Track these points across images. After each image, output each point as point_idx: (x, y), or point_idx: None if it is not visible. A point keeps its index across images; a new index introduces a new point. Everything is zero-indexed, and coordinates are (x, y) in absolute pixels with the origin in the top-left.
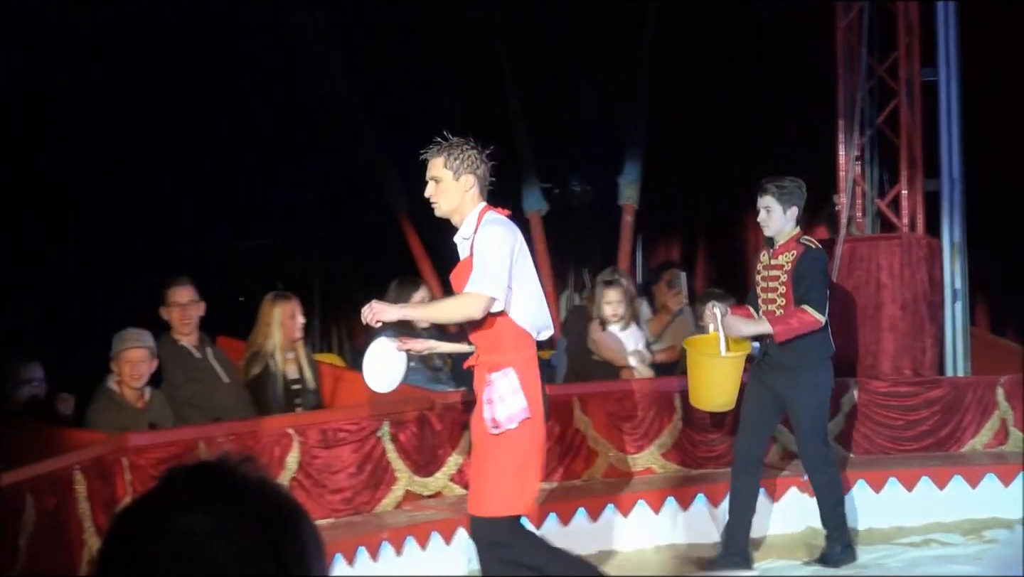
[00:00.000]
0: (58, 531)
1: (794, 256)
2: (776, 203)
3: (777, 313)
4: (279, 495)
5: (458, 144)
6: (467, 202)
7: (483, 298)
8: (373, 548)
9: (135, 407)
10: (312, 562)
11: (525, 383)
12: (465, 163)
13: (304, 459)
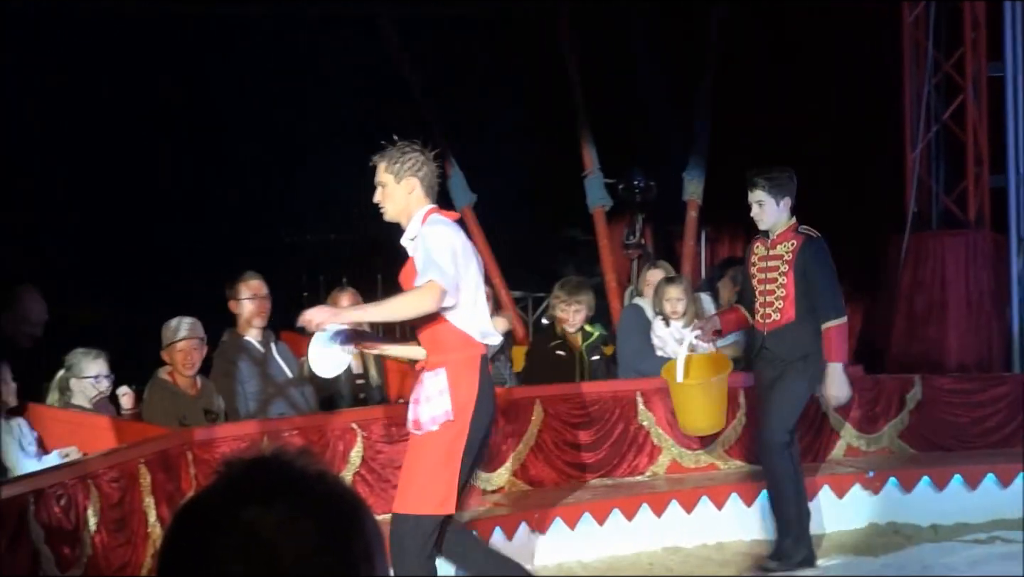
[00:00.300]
0: (123, 524)
1: (794, 246)
2: (768, 196)
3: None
4: (341, 488)
5: (400, 147)
6: (412, 204)
7: (435, 288)
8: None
9: (188, 394)
10: (376, 556)
11: (456, 385)
12: (406, 166)
13: (368, 454)
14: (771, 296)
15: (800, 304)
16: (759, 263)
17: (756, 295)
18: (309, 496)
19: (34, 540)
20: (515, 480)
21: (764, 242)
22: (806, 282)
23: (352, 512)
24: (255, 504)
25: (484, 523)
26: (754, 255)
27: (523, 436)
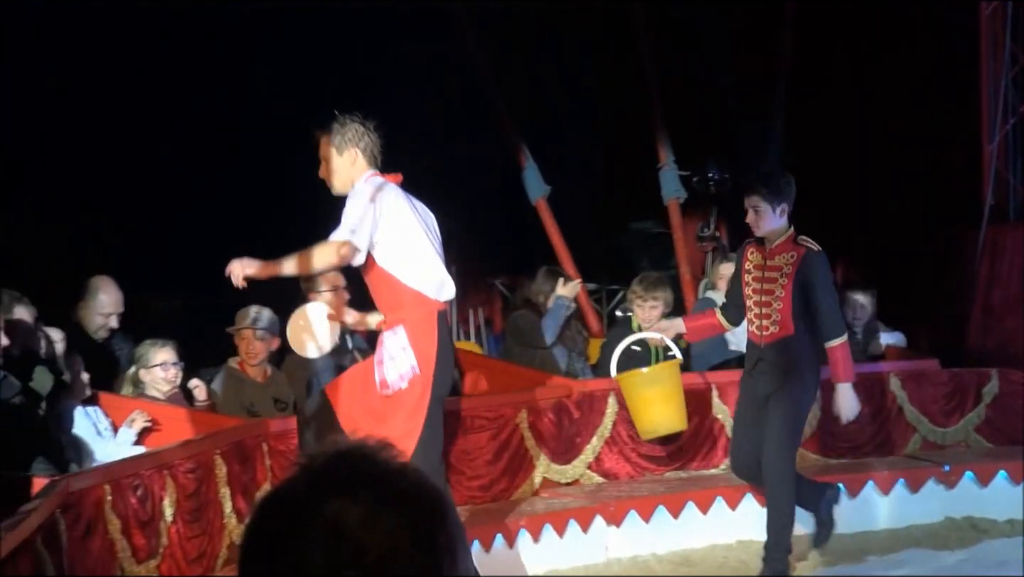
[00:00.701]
0: (198, 515)
1: (794, 258)
2: (765, 202)
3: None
4: (423, 482)
5: (340, 120)
6: (355, 174)
7: (337, 244)
8: (510, 535)
9: (257, 383)
10: (458, 550)
11: (416, 340)
12: (347, 137)
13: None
14: (768, 308)
15: (799, 318)
16: (754, 272)
17: (750, 305)
18: (392, 489)
19: (111, 531)
20: (590, 473)
21: (760, 250)
22: (805, 296)
23: (434, 506)
24: (338, 497)
25: (559, 515)
26: (748, 262)
27: (597, 429)
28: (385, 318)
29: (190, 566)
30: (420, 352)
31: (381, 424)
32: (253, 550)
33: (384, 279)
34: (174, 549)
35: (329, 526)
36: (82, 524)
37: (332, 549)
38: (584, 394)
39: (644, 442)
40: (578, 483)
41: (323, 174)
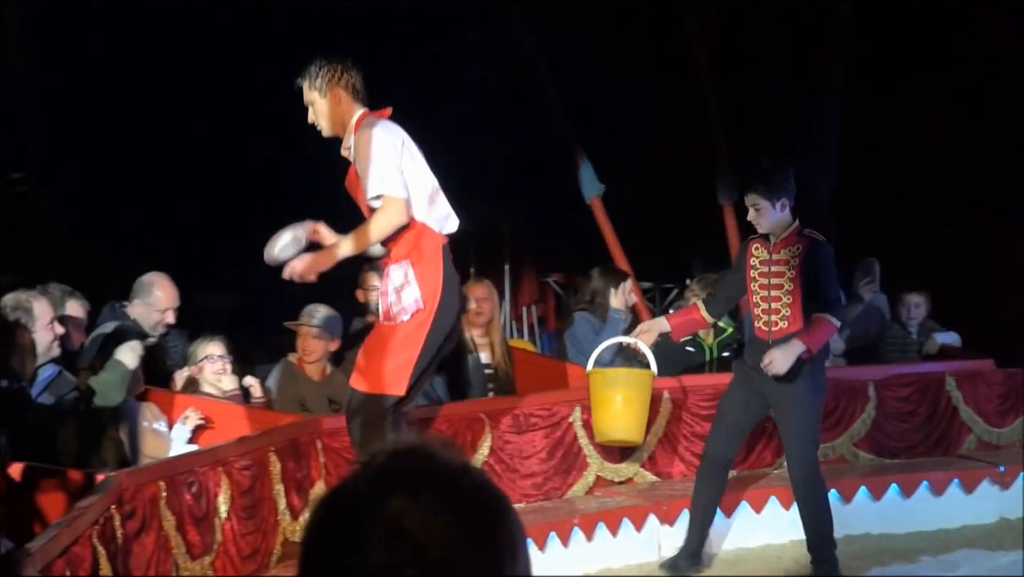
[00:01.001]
0: (253, 511)
1: (800, 250)
2: (764, 199)
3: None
4: (484, 482)
5: (317, 63)
6: (344, 114)
7: (394, 202)
8: (564, 533)
9: (313, 380)
10: (519, 550)
11: (421, 274)
12: (326, 78)
13: (496, 444)
14: (777, 303)
15: (807, 310)
16: (760, 267)
17: (757, 300)
18: (454, 488)
19: (165, 527)
20: (643, 471)
21: (765, 245)
22: (811, 288)
23: (496, 505)
24: (400, 495)
25: (612, 514)
26: (753, 258)
27: (652, 427)
28: (390, 252)
29: (244, 563)
30: (425, 286)
31: (380, 356)
32: (314, 547)
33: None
34: (228, 546)
35: (390, 524)
36: (137, 520)
37: (393, 547)
38: None
39: (697, 441)
40: (631, 481)
41: (311, 119)
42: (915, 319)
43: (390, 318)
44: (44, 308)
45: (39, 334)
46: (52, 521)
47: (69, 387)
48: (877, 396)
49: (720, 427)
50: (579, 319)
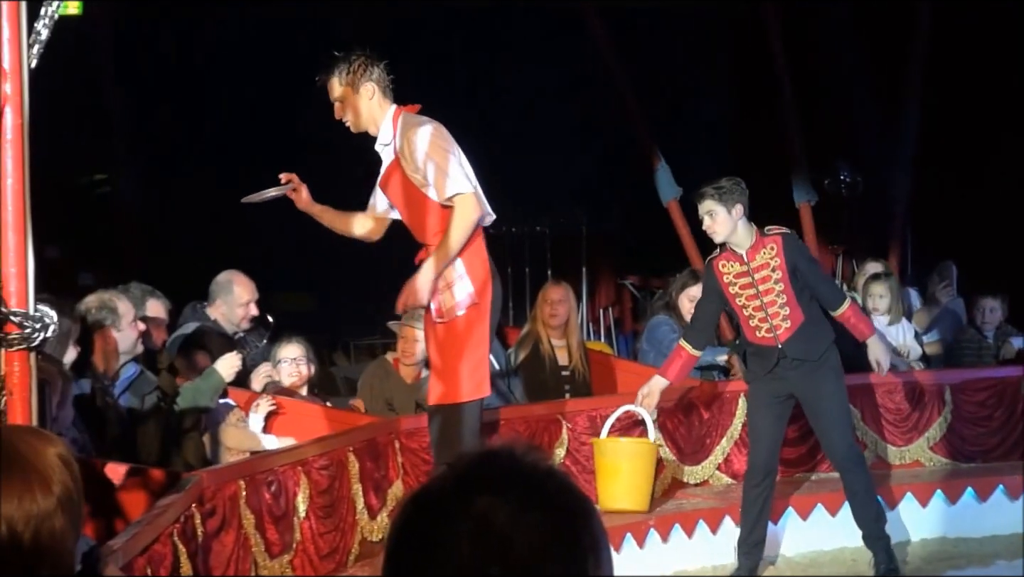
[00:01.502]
0: (331, 511)
1: (775, 249)
2: (718, 205)
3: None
4: (569, 484)
5: (343, 58)
6: (375, 109)
7: (467, 200)
8: (640, 535)
9: (404, 381)
10: (602, 551)
11: (471, 268)
12: (357, 73)
13: (572, 445)
14: (773, 307)
15: (803, 302)
16: (738, 280)
17: (749, 313)
18: (540, 489)
19: (245, 525)
20: (719, 474)
21: (736, 258)
22: (798, 279)
23: (580, 507)
24: (487, 495)
25: (688, 516)
26: (724, 275)
27: (727, 430)
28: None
29: (322, 562)
30: (476, 280)
31: (454, 361)
32: (400, 544)
33: (435, 209)
34: (307, 544)
35: (477, 523)
36: (217, 519)
37: (479, 545)
38: (714, 395)
39: None
40: (707, 484)
41: (340, 114)
42: (991, 323)
43: (443, 315)
44: (128, 307)
45: (124, 332)
46: (134, 519)
47: (150, 387)
48: (953, 400)
49: (761, 445)
50: (658, 321)
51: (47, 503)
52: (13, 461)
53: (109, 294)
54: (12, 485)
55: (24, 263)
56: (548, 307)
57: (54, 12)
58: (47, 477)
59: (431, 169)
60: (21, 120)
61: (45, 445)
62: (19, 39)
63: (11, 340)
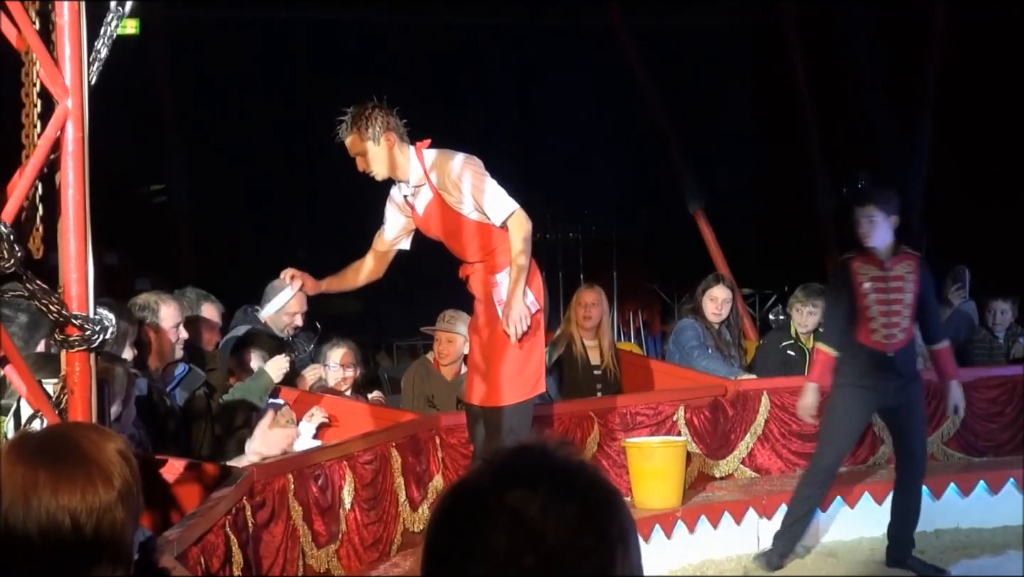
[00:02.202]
0: (375, 503)
1: (913, 267)
2: (880, 212)
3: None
4: (598, 477)
5: (359, 113)
6: (399, 156)
7: (519, 213)
8: (668, 526)
9: (444, 380)
10: (630, 541)
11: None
12: (378, 125)
13: (604, 441)
14: (896, 316)
15: (913, 322)
16: (876, 284)
17: (874, 315)
18: (570, 482)
19: (293, 517)
20: (743, 468)
21: (873, 262)
22: (923, 305)
23: (610, 499)
24: (520, 488)
25: (714, 508)
26: (860, 275)
27: (751, 426)
28: (487, 262)
29: (366, 551)
30: (534, 286)
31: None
32: (438, 534)
33: (478, 228)
34: (352, 535)
35: (511, 514)
36: (267, 511)
37: (513, 535)
38: (739, 393)
39: (795, 439)
40: (732, 477)
41: (363, 168)
42: (1002, 325)
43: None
44: (171, 311)
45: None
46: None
47: (199, 381)
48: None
49: (833, 449)
50: (683, 325)
51: (108, 496)
52: (76, 456)
53: (156, 296)
54: (75, 479)
55: (84, 269)
56: (582, 309)
57: (113, 31)
58: (108, 471)
59: (478, 197)
60: (82, 134)
61: (106, 441)
62: (80, 57)
63: (72, 342)
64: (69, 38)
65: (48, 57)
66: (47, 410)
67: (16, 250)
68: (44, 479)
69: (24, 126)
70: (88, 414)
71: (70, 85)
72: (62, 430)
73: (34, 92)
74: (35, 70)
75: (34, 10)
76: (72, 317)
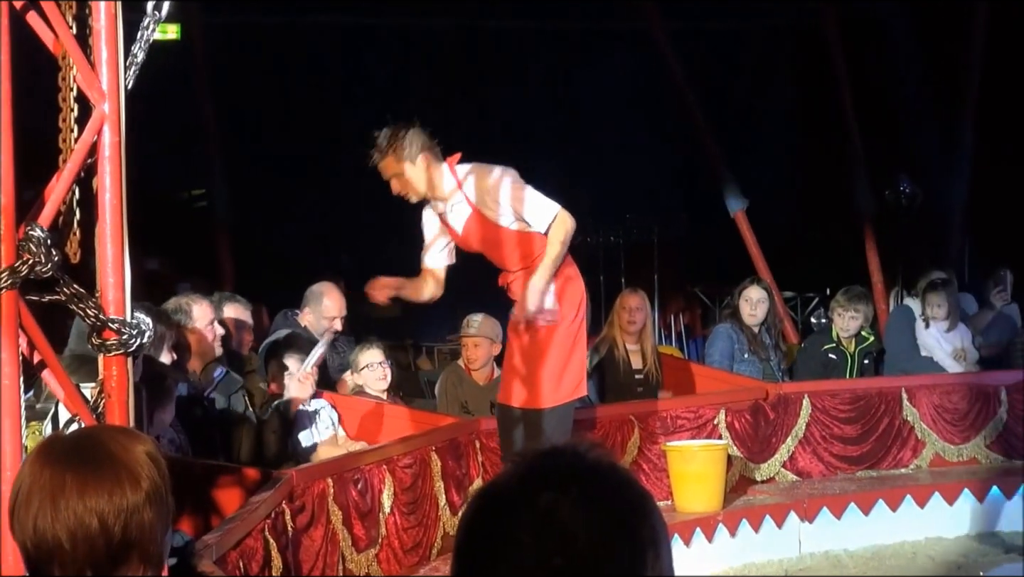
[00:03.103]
0: (415, 507)
1: None
2: None
3: None
4: (630, 479)
5: (391, 136)
6: (434, 175)
7: (561, 212)
8: (709, 530)
9: (477, 384)
10: (661, 543)
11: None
12: (414, 146)
13: (644, 444)
14: None
15: None
16: None
17: None
18: (601, 484)
19: (333, 521)
20: (784, 471)
21: None
22: None
23: (640, 501)
24: (551, 489)
25: (755, 511)
26: None
27: (792, 429)
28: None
29: (406, 555)
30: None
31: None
32: (469, 536)
33: (519, 238)
34: (391, 539)
35: (541, 516)
36: (306, 515)
37: (543, 537)
38: (780, 396)
39: (835, 442)
40: (773, 481)
41: (399, 190)
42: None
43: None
44: (203, 310)
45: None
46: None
47: (236, 385)
48: (1008, 400)
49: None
50: (717, 330)
51: (136, 497)
52: (103, 458)
53: (187, 297)
54: (103, 480)
55: (121, 273)
56: (626, 313)
57: (149, 36)
58: (136, 473)
59: (518, 207)
60: (118, 138)
61: (134, 443)
62: (116, 62)
63: (110, 346)
64: (106, 42)
65: (85, 61)
66: (84, 414)
67: (53, 254)
68: (71, 481)
69: (61, 130)
70: (126, 418)
71: (107, 89)
72: (90, 432)
73: (71, 96)
74: (72, 74)
75: (71, 14)
76: (109, 321)
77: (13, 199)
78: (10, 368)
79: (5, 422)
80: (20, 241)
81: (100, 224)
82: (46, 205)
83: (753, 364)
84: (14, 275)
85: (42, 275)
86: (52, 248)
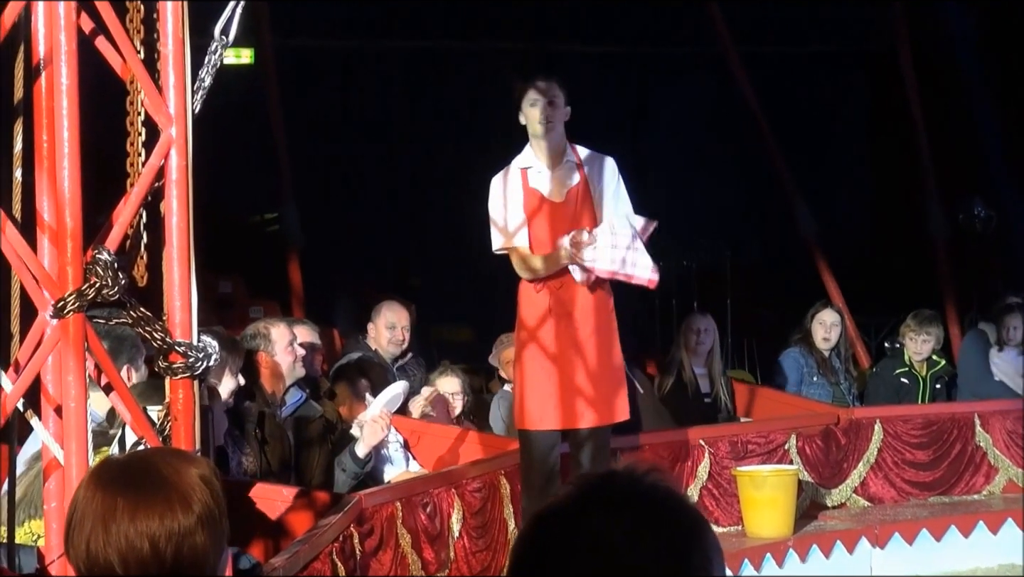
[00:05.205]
0: (484, 531)
1: None
2: None
3: None
4: (685, 504)
5: (559, 79)
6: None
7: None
8: (779, 555)
9: None
10: (714, 570)
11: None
12: (564, 95)
13: (714, 469)
14: None
15: None
16: None
17: None
18: (655, 509)
19: (402, 544)
20: (856, 497)
21: None
22: None
23: (694, 526)
24: (605, 513)
25: (826, 536)
26: None
27: (863, 455)
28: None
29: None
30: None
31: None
32: (523, 556)
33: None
34: (460, 563)
35: (594, 538)
36: (375, 538)
37: (594, 559)
38: (851, 421)
39: (907, 468)
40: (844, 506)
41: (549, 114)
42: None
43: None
44: (282, 332)
45: (280, 356)
46: (296, 538)
47: (315, 414)
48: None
49: None
50: (786, 354)
51: (188, 521)
52: (155, 481)
53: (265, 322)
54: (154, 504)
55: (188, 296)
56: (694, 336)
57: (217, 61)
58: (188, 496)
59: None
60: (186, 162)
61: (187, 466)
62: (184, 86)
63: (176, 369)
64: (173, 67)
65: (152, 86)
66: (151, 437)
67: (120, 278)
68: (123, 505)
69: (129, 154)
70: (192, 441)
71: (174, 113)
72: (142, 455)
73: (138, 120)
74: (139, 99)
75: (139, 39)
76: (176, 344)
77: (81, 222)
78: (77, 390)
79: (71, 445)
80: (88, 264)
81: (167, 247)
82: (113, 228)
83: (823, 387)
84: (81, 298)
85: (109, 298)
86: (119, 271)
